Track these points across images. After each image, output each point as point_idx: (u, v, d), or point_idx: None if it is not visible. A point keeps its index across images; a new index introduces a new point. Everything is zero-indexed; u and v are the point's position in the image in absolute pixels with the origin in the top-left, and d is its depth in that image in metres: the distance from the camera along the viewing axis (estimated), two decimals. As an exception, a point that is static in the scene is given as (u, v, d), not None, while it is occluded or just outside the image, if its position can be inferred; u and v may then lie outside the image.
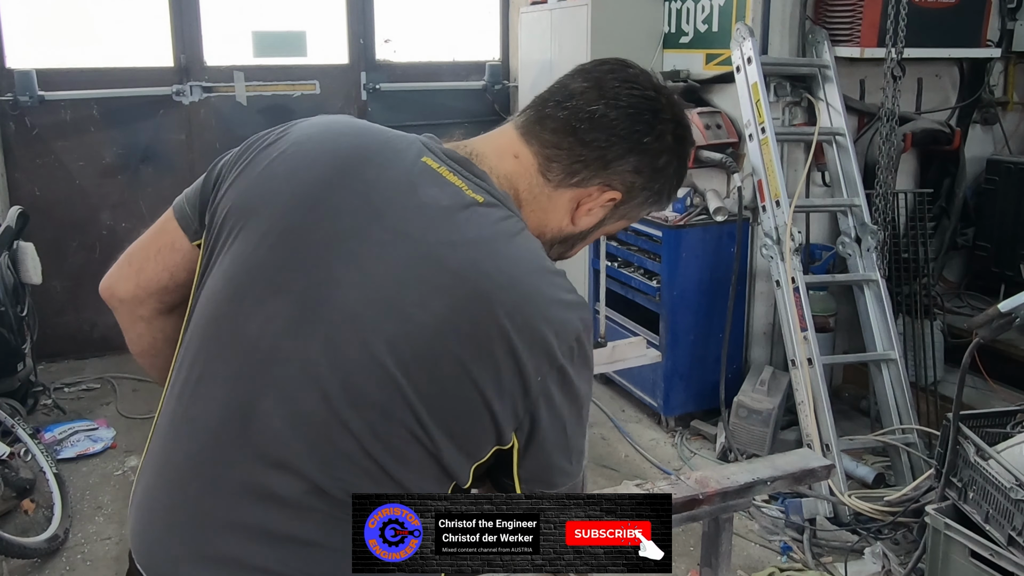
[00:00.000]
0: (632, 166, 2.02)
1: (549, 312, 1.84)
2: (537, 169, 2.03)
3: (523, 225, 1.96)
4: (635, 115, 2.00)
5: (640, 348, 4.76)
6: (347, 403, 1.79)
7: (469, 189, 1.91)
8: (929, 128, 6.89)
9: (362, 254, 1.84)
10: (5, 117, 7.86)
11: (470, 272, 1.81)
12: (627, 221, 2.20)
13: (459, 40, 9.64)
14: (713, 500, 3.38)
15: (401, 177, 1.92)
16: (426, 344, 1.77)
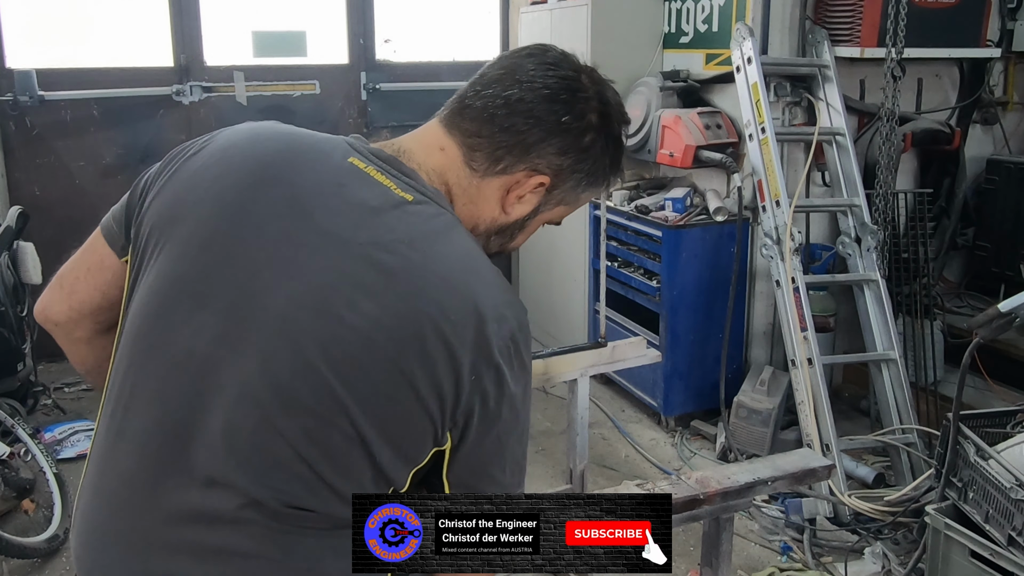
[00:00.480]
0: (556, 148, 2.00)
1: (482, 310, 1.79)
2: (463, 160, 2.01)
3: (455, 221, 1.94)
4: (552, 96, 1.99)
5: (640, 348, 4.76)
6: (280, 410, 1.76)
7: (398, 188, 1.90)
8: (929, 128, 6.89)
9: (290, 258, 1.81)
10: (5, 117, 7.86)
11: (401, 272, 1.79)
12: (568, 207, 2.16)
13: (459, 40, 9.63)
14: (713, 500, 3.39)
15: (328, 179, 1.90)
16: (358, 346, 1.75)
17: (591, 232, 7.54)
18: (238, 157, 1.95)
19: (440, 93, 9.38)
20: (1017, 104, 7.58)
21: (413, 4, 9.30)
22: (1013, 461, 4.00)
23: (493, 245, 2.13)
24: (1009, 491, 3.88)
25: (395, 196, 1.88)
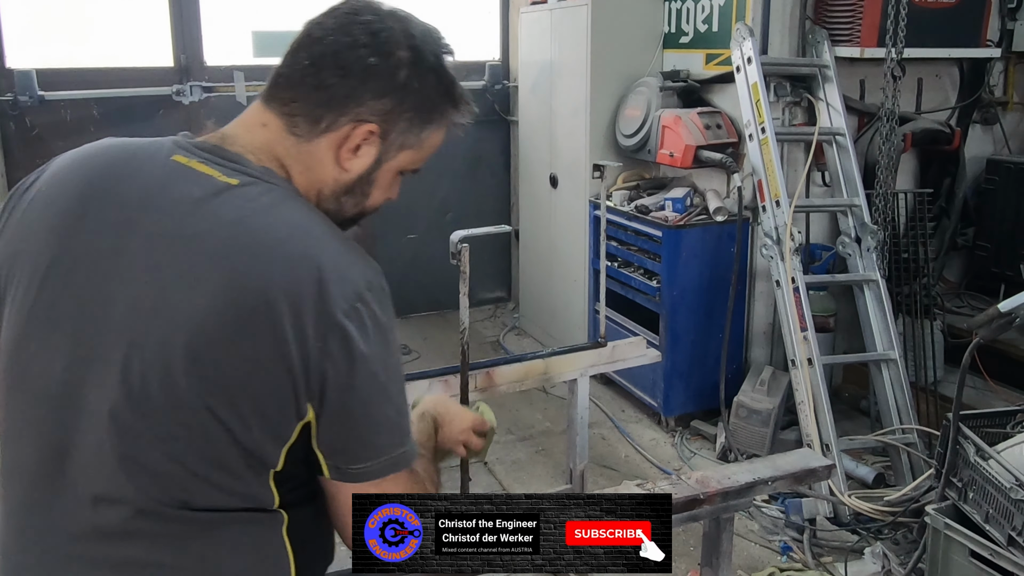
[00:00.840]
0: (372, 93, 1.98)
1: (320, 274, 1.80)
2: (286, 130, 2.01)
3: (288, 194, 1.95)
4: (353, 43, 1.96)
5: (640, 348, 4.76)
6: (139, 416, 1.78)
7: (222, 175, 1.90)
8: (929, 128, 6.89)
9: (124, 267, 1.83)
10: (5, 117, 7.86)
11: (228, 253, 1.80)
12: (415, 150, 2.11)
13: (459, 40, 9.55)
14: (714, 500, 3.39)
15: (152, 181, 1.91)
16: (199, 336, 1.75)
17: (591, 232, 7.55)
18: (64, 182, 1.96)
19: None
20: (1017, 104, 7.58)
21: (413, 4, 9.26)
22: (1013, 461, 4.00)
23: (348, 206, 2.12)
24: (1009, 491, 3.88)
25: (219, 183, 1.88)
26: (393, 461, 1.94)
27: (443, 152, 7.04)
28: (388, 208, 6.81)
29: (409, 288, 9.64)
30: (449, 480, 5.79)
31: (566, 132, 8.09)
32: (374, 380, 1.85)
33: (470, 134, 2.01)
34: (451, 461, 3.12)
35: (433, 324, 9.61)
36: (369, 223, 7.28)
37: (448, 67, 2.10)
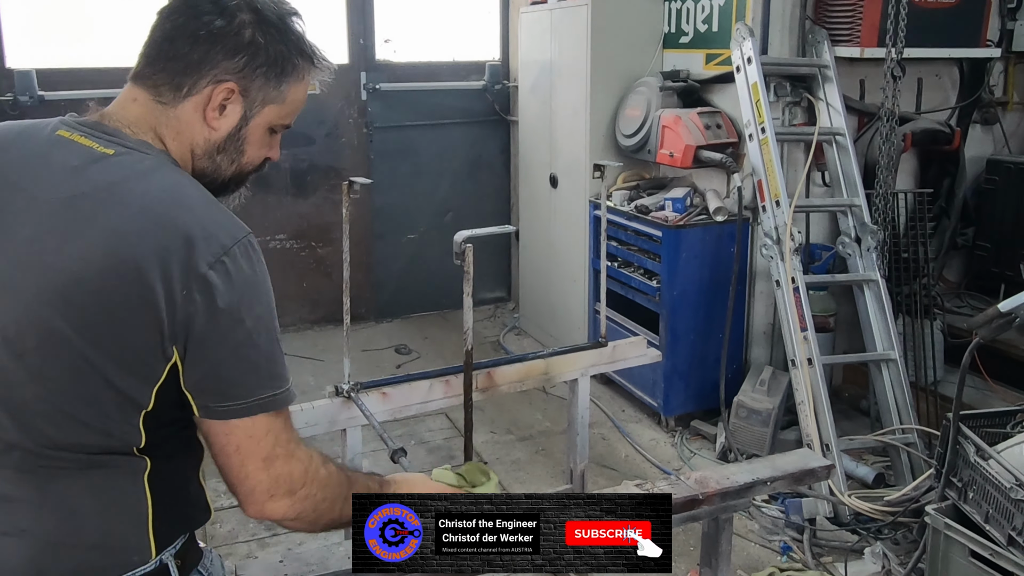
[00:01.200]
0: (223, 54, 2.13)
1: (187, 232, 1.92)
2: (154, 101, 2.17)
3: (160, 162, 2.09)
4: (198, 12, 2.13)
5: (640, 348, 4.76)
6: (12, 358, 1.93)
7: (100, 146, 2.05)
8: (929, 128, 6.89)
9: (3, 226, 1.98)
10: (5, 117, 7.77)
11: (103, 213, 1.94)
12: (279, 105, 2.26)
13: (459, 40, 9.66)
14: (713, 500, 3.39)
15: (34, 152, 2.07)
16: (72, 284, 1.89)
17: (591, 232, 7.56)
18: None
19: (440, 93, 9.44)
20: (1017, 104, 7.58)
21: (413, 4, 9.31)
22: (1013, 461, 4.00)
23: (224, 165, 2.26)
24: (1009, 491, 3.88)
25: (96, 153, 2.03)
26: (260, 403, 2.02)
27: (443, 152, 7.09)
28: (388, 208, 6.82)
29: (409, 288, 9.67)
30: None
31: (566, 132, 8.09)
32: (239, 327, 1.97)
33: (470, 134, 2.07)
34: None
35: (433, 324, 9.62)
36: (369, 223, 7.28)
37: (294, 25, 2.25)
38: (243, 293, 1.98)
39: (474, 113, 9.72)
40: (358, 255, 8.84)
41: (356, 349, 4.58)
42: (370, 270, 9.53)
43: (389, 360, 8.58)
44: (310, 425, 3.74)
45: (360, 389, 3.85)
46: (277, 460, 2.08)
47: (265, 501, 2.09)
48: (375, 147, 9.22)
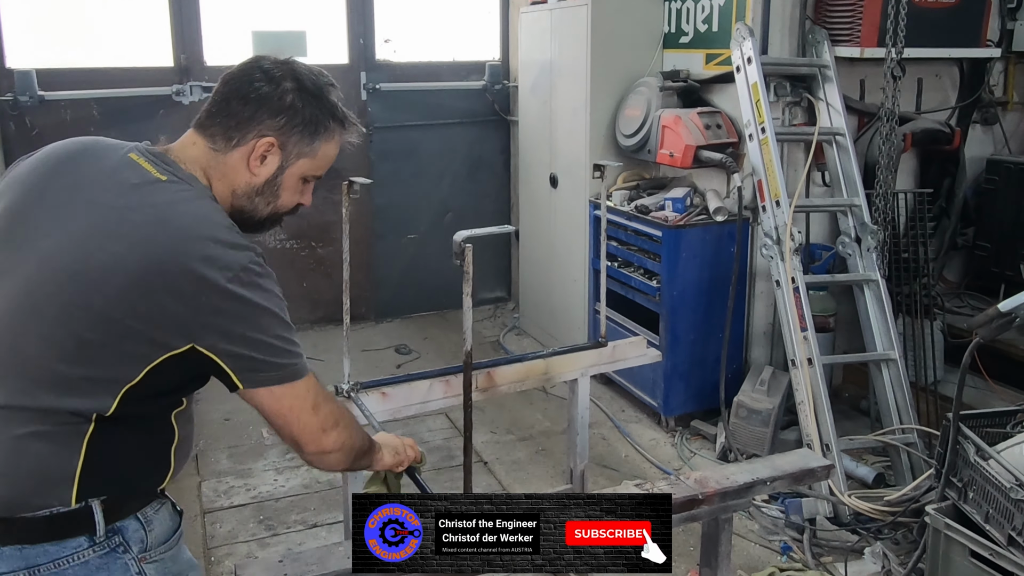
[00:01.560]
0: (268, 114, 2.60)
1: (210, 251, 2.37)
2: (208, 148, 2.63)
3: (200, 194, 2.55)
4: (251, 80, 2.64)
5: (640, 348, 4.75)
6: (31, 316, 2.38)
7: (157, 172, 2.51)
8: (929, 128, 6.89)
9: (61, 219, 2.45)
10: (5, 117, 7.87)
11: (145, 225, 2.39)
12: (311, 159, 2.71)
13: (459, 40, 9.66)
14: (713, 500, 3.39)
15: (106, 168, 2.54)
16: (103, 274, 2.33)
17: (591, 232, 7.56)
18: (45, 158, 2.65)
19: (440, 93, 9.44)
20: (1017, 104, 7.58)
21: (413, 4, 9.31)
22: (1013, 461, 4.00)
23: (260, 205, 2.72)
24: (1009, 491, 3.88)
25: (153, 177, 2.49)
26: (291, 372, 2.51)
27: (443, 152, 7.11)
28: (388, 208, 6.88)
29: (409, 288, 9.68)
30: (450, 481, 5.78)
31: (566, 132, 8.08)
32: (256, 325, 2.43)
33: (470, 134, 2.19)
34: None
35: (433, 324, 9.63)
36: (369, 223, 7.30)
37: (328, 94, 2.71)
38: (257, 300, 2.41)
39: (474, 113, 9.73)
40: (358, 255, 8.85)
41: (356, 349, 4.60)
42: (370, 270, 9.53)
43: (389, 360, 8.58)
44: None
45: (360, 389, 3.86)
46: (320, 405, 2.59)
47: (320, 437, 2.59)
48: (375, 147, 9.22)
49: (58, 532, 2.37)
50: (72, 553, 2.39)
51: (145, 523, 2.51)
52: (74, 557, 2.39)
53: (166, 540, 2.58)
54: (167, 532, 2.59)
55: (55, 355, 2.33)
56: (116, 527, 2.44)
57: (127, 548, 2.47)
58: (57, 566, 2.38)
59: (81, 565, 2.40)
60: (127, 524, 2.47)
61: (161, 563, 2.55)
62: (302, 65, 2.72)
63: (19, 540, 2.35)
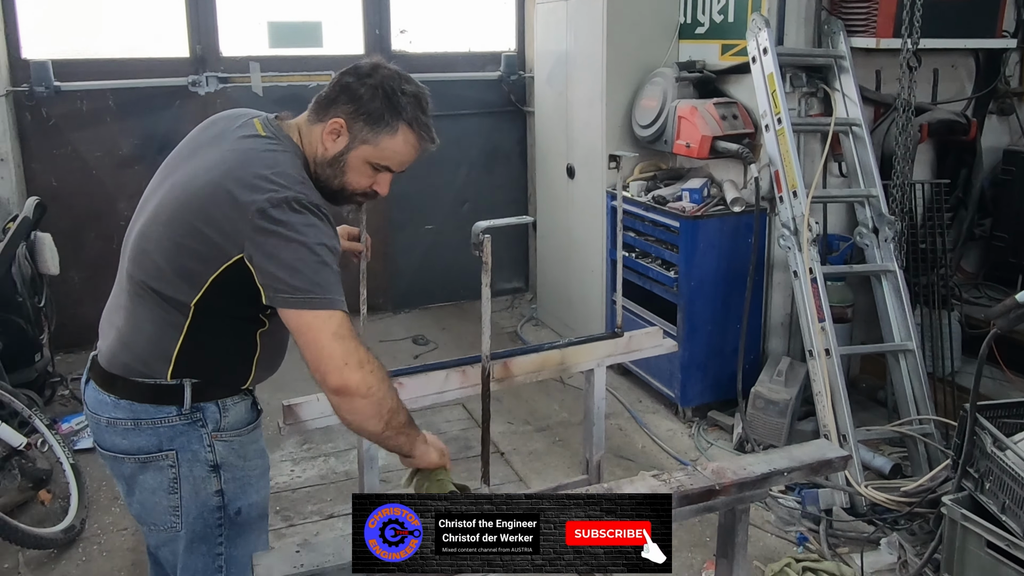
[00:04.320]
0: (346, 100, 3.14)
1: (270, 185, 2.89)
2: (307, 119, 3.24)
3: (285, 148, 3.12)
4: (345, 74, 3.20)
5: (657, 338, 4.74)
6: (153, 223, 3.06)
7: (263, 131, 3.14)
8: (945, 119, 6.88)
9: (196, 156, 3.13)
10: (21, 107, 7.90)
11: (234, 159, 3.01)
12: (372, 146, 3.18)
13: (475, 31, 9.66)
14: (730, 491, 3.38)
15: (234, 126, 3.19)
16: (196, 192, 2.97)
17: (608, 223, 7.56)
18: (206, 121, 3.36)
19: (456, 84, 9.44)
20: (1033, 94, 7.57)
21: (433, -5, 9.32)
22: (1030, 452, 4.00)
23: (330, 177, 3.22)
24: (1026, 482, 3.88)
25: (257, 132, 3.14)
26: (310, 300, 2.85)
27: (460, 142, 7.16)
28: (406, 198, 6.98)
29: (427, 278, 9.69)
30: (467, 472, 5.80)
31: (582, 123, 8.09)
32: (288, 247, 2.85)
33: (486, 124, 2.34)
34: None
35: (451, 314, 9.64)
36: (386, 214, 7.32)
37: (400, 97, 3.18)
38: (292, 227, 2.86)
39: (490, 104, 9.73)
40: (375, 245, 8.82)
41: (374, 340, 4.61)
42: (388, 260, 9.53)
43: (407, 351, 8.59)
44: (325, 416, 3.74)
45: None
46: (344, 338, 2.85)
47: (342, 367, 2.82)
48: (391, 138, 9.16)
49: (157, 398, 3.08)
50: (165, 416, 3.08)
51: (222, 409, 3.16)
52: (166, 420, 3.08)
53: (238, 428, 3.21)
54: (241, 422, 3.22)
55: (160, 253, 2.99)
56: (199, 406, 3.11)
57: (204, 424, 3.13)
58: (153, 423, 3.09)
59: (169, 427, 3.09)
60: (208, 406, 3.13)
61: (229, 444, 3.19)
62: (394, 72, 3.24)
63: (131, 397, 3.09)
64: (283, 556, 2.87)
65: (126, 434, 3.12)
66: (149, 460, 3.13)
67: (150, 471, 3.14)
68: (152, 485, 3.16)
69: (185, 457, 3.12)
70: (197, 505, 3.17)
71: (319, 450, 6.51)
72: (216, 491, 3.18)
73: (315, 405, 3.73)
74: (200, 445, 3.13)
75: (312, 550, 2.86)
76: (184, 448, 3.12)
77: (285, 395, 3.86)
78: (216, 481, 3.17)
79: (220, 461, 3.16)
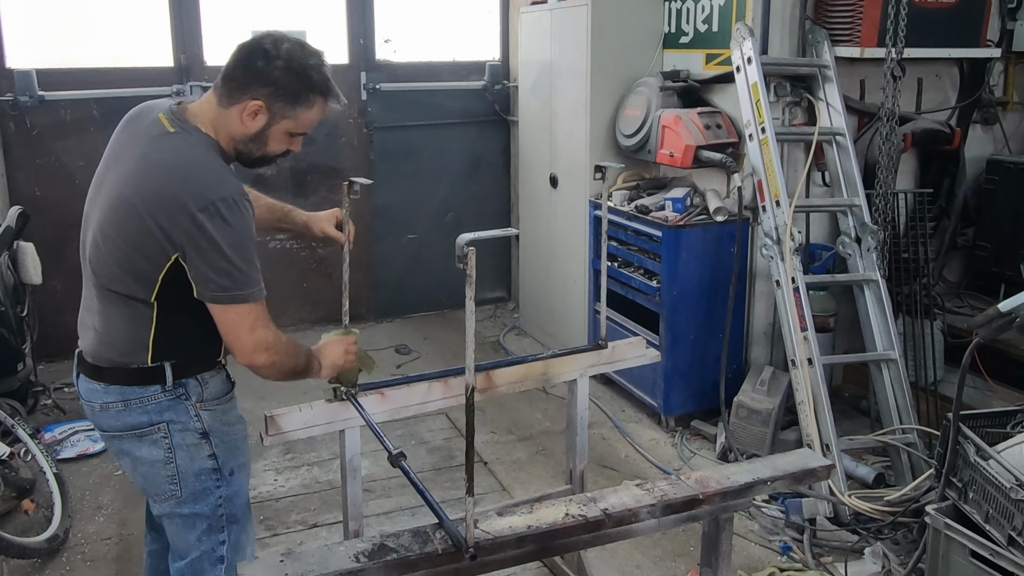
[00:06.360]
0: (259, 82, 3.34)
1: (191, 187, 3.17)
2: (216, 105, 3.42)
3: (199, 142, 3.36)
4: (251, 54, 3.38)
5: (640, 348, 4.75)
6: (101, 236, 3.32)
7: (171, 127, 3.35)
8: (929, 128, 6.90)
9: (118, 163, 3.38)
10: (5, 117, 7.88)
11: (151, 165, 3.26)
12: (292, 120, 3.44)
13: (459, 40, 9.67)
14: (713, 500, 3.39)
15: (144, 126, 3.42)
16: (128, 204, 3.24)
17: (591, 232, 7.57)
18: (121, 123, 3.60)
19: (440, 93, 9.46)
20: (1017, 104, 7.60)
21: (413, 4, 9.32)
22: (1013, 461, 4.01)
23: (254, 150, 3.50)
24: (1009, 491, 3.89)
25: (166, 130, 3.34)
26: (236, 297, 3.24)
27: (443, 152, 7.18)
28: (388, 208, 7.00)
29: (409, 288, 9.71)
30: (450, 481, 5.79)
31: (566, 132, 8.09)
32: (216, 250, 3.16)
33: (470, 134, 2.34)
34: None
35: (433, 323, 9.65)
36: (369, 223, 7.34)
37: (311, 71, 3.41)
38: (218, 230, 3.15)
39: (474, 113, 9.73)
40: (358, 255, 8.86)
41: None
42: (370, 270, 9.54)
43: (389, 360, 8.58)
44: (308, 426, 3.75)
45: (358, 391, 3.86)
46: (257, 330, 3.31)
47: (252, 354, 3.33)
48: (375, 147, 9.24)
49: (142, 380, 3.42)
50: (151, 395, 3.44)
51: (202, 382, 3.52)
52: (152, 398, 3.44)
53: (219, 397, 3.58)
54: (220, 392, 3.59)
55: (114, 261, 3.29)
56: (181, 382, 3.47)
57: (188, 397, 3.48)
58: (141, 402, 3.43)
59: (156, 404, 3.44)
60: (189, 381, 3.48)
61: (212, 412, 3.54)
62: (295, 44, 3.45)
63: (119, 382, 3.44)
64: (267, 566, 2.87)
65: (119, 415, 3.48)
66: (144, 434, 3.49)
67: (146, 445, 3.50)
68: (150, 458, 3.51)
69: (176, 428, 3.49)
70: (194, 470, 3.54)
71: (302, 459, 6.50)
72: (209, 455, 3.56)
73: (297, 415, 3.72)
74: (187, 416, 3.50)
75: (296, 559, 2.86)
76: (173, 420, 3.48)
77: (268, 405, 3.90)
78: (208, 446, 3.55)
79: (208, 428, 3.54)
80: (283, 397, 3.53)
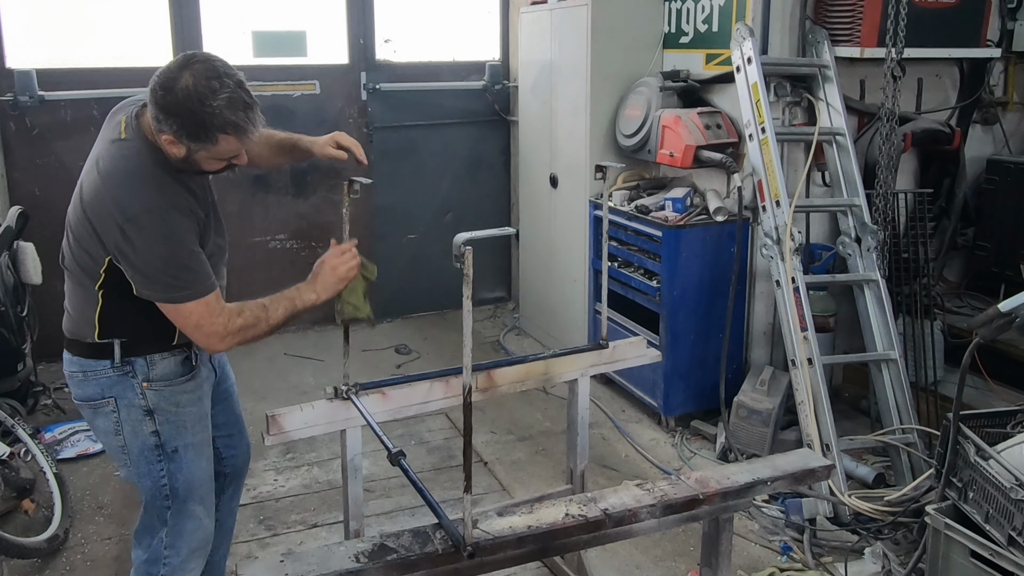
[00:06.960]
0: (164, 117, 3.31)
1: (116, 195, 3.35)
2: (151, 123, 3.42)
3: (137, 152, 3.45)
4: (156, 86, 3.34)
5: (640, 348, 4.75)
6: (70, 230, 3.58)
7: (124, 132, 3.49)
8: (929, 128, 6.89)
9: (89, 159, 3.56)
10: (5, 117, 7.88)
11: (96, 171, 3.45)
12: (208, 152, 3.43)
13: (459, 40, 9.67)
14: (713, 500, 3.39)
15: (109, 129, 3.60)
16: (79, 201, 3.48)
17: (591, 232, 7.57)
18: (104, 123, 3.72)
19: (440, 93, 9.45)
20: (1017, 104, 7.59)
21: (413, 4, 9.32)
22: (1013, 461, 4.00)
23: (188, 167, 3.50)
24: (1009, 491, 3.88)
25: (119, 136, 3.49)
26: (171, 298, 3.43)
27: (443, 152, 7.17)
28: (388, 208, 7.02)
29: (409, 288, 9.68)
30: (449, 481, 5.79)
31: (566, 132, 8.09)
32: (140, 256, 3.36)
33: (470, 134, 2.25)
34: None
35: (433, 323, 9.65)
36: (369, 223, 7.31)
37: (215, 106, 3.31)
38: (143, 239, 3.33)
39: (474, 113, 9.73)
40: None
41: (356, 349, 4.62)
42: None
43: (389, 360, 8.59)
44: (309, 426, 3.75)
45: (359, 390, 3.86)
46: (203, 326, 3.48)
47: (210, 345, 3.57)
48: (375, 147, 9.24)
49: (94, 354, 3.66)
50: (102, 369, 3.66)
51: (150, 363, 3.68)
52: (103, 372, 3.66)
53: (168, 379, 3.73)
54: (171, 374, 3.74)
55: (70, 247, 3.59)
56: (130, 360, 3.66)
57: (135, 375, 3.67)
58: (95, 374, 3.67)
59: (107, 378, 3.66)
60: (137, 360, 3.67)
61: (160, 392, 3.71)
62: (201, 75, 3.33)
63: (78, 353, 3.70)
64: (267, 565, 2.87)
65: (80, 384, 3.74)
66: (97, 406, 3.74)
67: (100, 416, 3.76)
68: (104, 428, 3.78)
69: (123, 403, 3.71)
70: (137, 444, 3.75)
71: (302, 459, 6.50)
72: (152, 431, 3.74)
73: (298, 415, 3.72)
74: (133, 393, 3.69)
75: (296, 559, 2.86)
76: (120, 396, 3.70)
77: (268, 405, 3.89)
78: (151, 423, 3.73)
79: (153, 406, 3.72)
80: (283, 397, 3.50)
